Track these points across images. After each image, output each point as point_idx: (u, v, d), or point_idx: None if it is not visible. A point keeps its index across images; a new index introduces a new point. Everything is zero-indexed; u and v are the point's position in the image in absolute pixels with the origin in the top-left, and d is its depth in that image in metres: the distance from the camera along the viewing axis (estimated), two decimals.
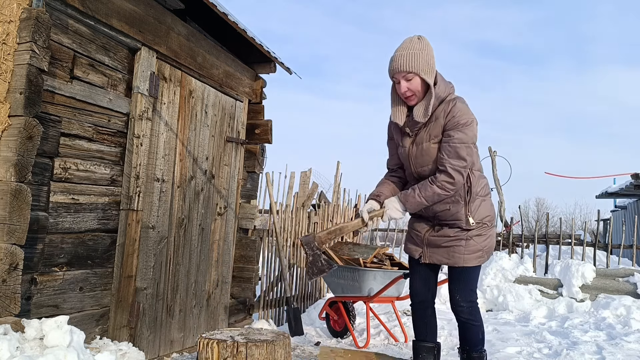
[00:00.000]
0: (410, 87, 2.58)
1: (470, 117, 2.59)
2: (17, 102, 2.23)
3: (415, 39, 2.60)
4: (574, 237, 7.19)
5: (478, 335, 2.78)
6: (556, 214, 26.10)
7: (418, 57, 2.53)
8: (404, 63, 2.53)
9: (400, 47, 2.58)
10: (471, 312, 2.76)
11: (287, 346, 2.34)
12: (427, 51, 2.57)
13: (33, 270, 2.47)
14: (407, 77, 2.56)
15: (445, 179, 2.55)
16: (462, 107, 2.58)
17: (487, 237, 2.76)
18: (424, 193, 2.58)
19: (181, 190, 3.54)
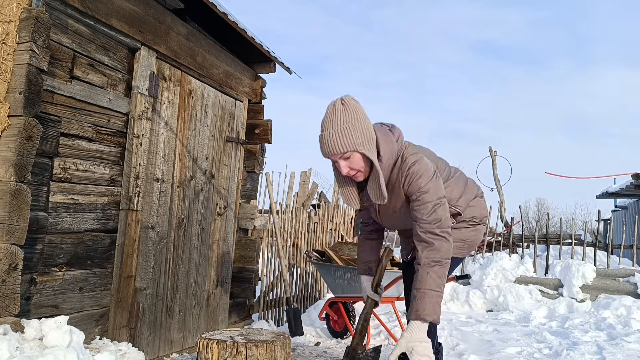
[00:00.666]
0: (351, 166, 2.20)
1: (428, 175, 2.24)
2: (17, 102, 2.22)
3: (339, 107, 2.18)
4: (574, 237, 7.19)
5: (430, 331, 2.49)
6: (556, 214, 26.09)
7: (350, 132, 2.13)
8: (335, 144, 2.14)
9: (326, 123, 2.18)
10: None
11: (287, 346, 2.34)
12: (357, 119, 2.16)
13: (33, 270, 2.46)
14: (345, 156, 2.18)
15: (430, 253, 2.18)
16: (415, 170, 2.23)
17: (474, 230, 2.56)
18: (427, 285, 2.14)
19: (181, 190, 3.54)
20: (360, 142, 2.15)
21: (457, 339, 4.46)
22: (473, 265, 6.94)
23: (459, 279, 4.50)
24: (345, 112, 2.17)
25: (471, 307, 6.40)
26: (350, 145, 2.14)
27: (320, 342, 4.34)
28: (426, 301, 2.13)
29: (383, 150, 2.22)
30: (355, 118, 2.16)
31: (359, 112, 2.20)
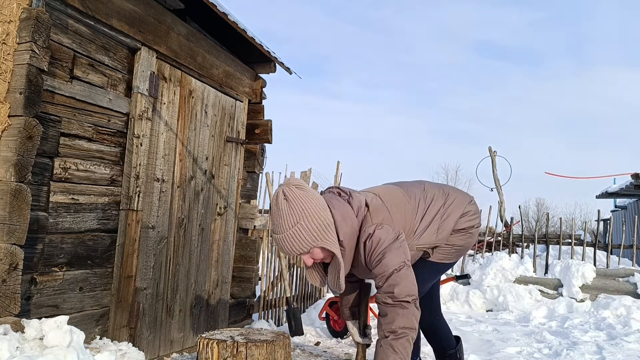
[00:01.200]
0: (314, 257, 2.14)
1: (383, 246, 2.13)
2: (17, 102, 2.23)
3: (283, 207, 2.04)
4: (574, 237, 7.19)
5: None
6: (556, 214, 26.09)
7: (302, 233, 2.03)
8: (292, 248, 2.05)
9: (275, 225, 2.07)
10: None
11: (287, 346, 2.34)
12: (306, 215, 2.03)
13: (33, 270, 2.47)
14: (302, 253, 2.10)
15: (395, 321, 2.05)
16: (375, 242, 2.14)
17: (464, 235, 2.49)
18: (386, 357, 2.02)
19: (181, 190, 3.54)
20: (315, 238, 2.05)
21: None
22: (473, 265, 6.95)
23: (458, 279, 4.51)
24: (291, 212, 2.03)
25: (471, 307, 6.41)
26: (306, 245, 2.05)
27: (320, 342, 4.34)
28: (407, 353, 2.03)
29: (342, 234, 2.12)
30: (303, 215, 2.03)
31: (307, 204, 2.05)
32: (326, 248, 2.08)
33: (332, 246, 2.08)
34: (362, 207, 2.23)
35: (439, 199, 2.49)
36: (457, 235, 2.49)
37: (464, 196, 2.59)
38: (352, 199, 2.24)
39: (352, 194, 2.28)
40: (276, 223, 2.07)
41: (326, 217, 2.09)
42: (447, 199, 2.51)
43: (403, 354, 2.01)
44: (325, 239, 2.07)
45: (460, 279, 4.54)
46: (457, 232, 2.49)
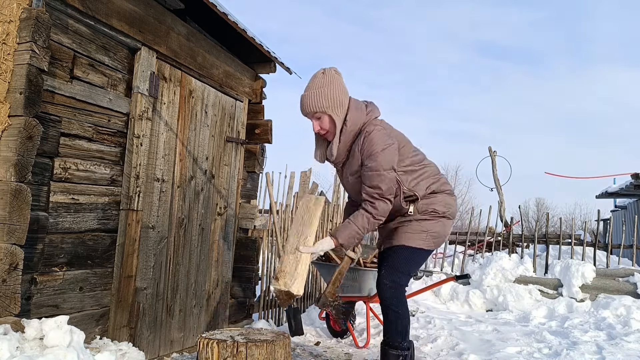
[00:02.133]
0: (322, 125, 2.60)
1: (383, 144, 2.53)
2: (17, 102, 2.23)
3: (319, 75, 2.58)
4: (574, 237, 7.19)
5: (396, 324, 2.63)
6: (556, 214, 26.10)
7: (322, 96, 2.53)
8: (309, 104, 2.55)
9: (307, 87, 2.59)
10: (395, 294, 2.63)
11: (287, 346, 2.34)
12: (332, 87, 2.54)
13: (33, 270, 2.47)
14: (316, 116, 2.58)
15: (370, 207, 2.55)
16: (374, 137, 2.54)
17: (437, 222, 2.71)
18: (356, 221, 2.57)
19: (181, 190, 3.54)
20: (329, 106, 2.53)
21: (456, 338, 4.46)
22: (473, 265, 6.95)
23: (458, 279, 4.50)
24: (322, 80, 2.55)
25: (471, 306, 6.41)
26: (320, 107, 2.53)
27: (320, 342, 4.34)
28: (347, 231, 2.56)
29: (350, 117, 2.57)
30: (329, 86, 2.54)
31: (335, 81, 2.56)
32: (333, 118, 2.54)
33: (337, 119, 2.55)
34: (373, 115, 2.66)
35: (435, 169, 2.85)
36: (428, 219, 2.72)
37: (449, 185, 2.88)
38: (369, 106, 2.69)
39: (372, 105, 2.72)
40: (308, 85, 2.58)
41: (344, 99, 2.57)
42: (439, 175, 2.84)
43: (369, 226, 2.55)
44: (335, 111, 2.54)
45: (460, 279, 4.54)
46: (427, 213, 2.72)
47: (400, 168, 2.65)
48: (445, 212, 2.73)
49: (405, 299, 2.71)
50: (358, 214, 2.58)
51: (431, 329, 4.89)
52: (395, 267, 2.67)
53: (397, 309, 2.63)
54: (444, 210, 2.74)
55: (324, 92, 2.53)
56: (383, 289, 2.65)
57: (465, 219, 25.90)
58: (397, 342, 2.63)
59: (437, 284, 4.60)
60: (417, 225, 2.69)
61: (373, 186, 2.53)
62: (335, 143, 2.58)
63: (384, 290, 2.64)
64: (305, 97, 2.57)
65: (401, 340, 2.63)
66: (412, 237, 2.69)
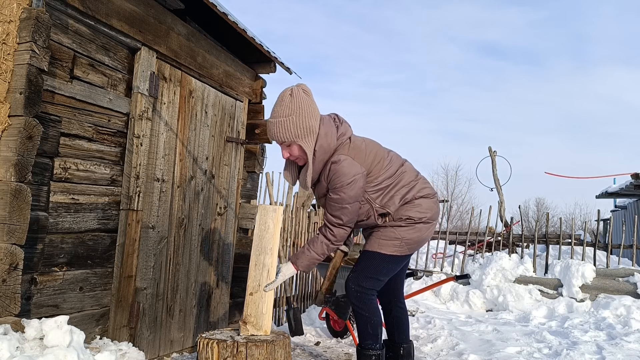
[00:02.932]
0: (291, 152, 2.52)
1: (349, 178, 2.47)
2: (17, 102, 2.23)
3: (287, 98, 2.44)
4: (574, 237, 7.20)
5: (366, 327, 2.66)
6: (556, 214, 26.10)
7: (290, 125, 2.40)
8: (277, 133, 2.45)
9: (273, 112, 2.47)
10: (359, 298, 2.67)
11: (287, 346, 2.34)
12: (301, 113, 2.41)
13: (33, 270, 2.47)
14: (284, 145, 2.50)
15: (328, 231, 2.60)
16: (340, 170, 2.47)
17: (411, 229, 2.65)
18: (313, 247, 2.62)
19: (181, 190, 3.54)
20: (297, 135, 2.42)
21: (456, 338, 4.46)
22: (473, 265, 6.95)
23: (458, 279, 4.51)
24: (290, 105, 2.41)
25: (471, 306, 6.41)
26: (289, 137, 2.43)
27: (320, 342, 4.34)
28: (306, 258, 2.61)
29: (319, 146, 2.49)
30: (299, 112, 2.41)
31: (304, 106, 2.42)
32: (302, 148, 2.44)
33: (307, 148, 2.45)
34: (345, 136, 2.57)
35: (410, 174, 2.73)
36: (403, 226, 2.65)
37: (428, 188, 2.77)
38: (341, 126, 2.60)
39: (344, 123, 2.64)
40: (275, 110, 2.45)
41: (313, 125, 2.46)
42: (416, 180, 2.73)
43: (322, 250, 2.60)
44: (305, 140, 2.44)
45: (460, 279, 4.54)
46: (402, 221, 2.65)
47: (371, 189, 2.62)
48: (422, 217, 2.66)
49: (374, 301, 2.72)
50: (316, 240, 2.63)
51: (431, 329, 4.89)
52: (363, 272, 2.70)
53: (365, 312, 2.66)
54: (420, 216, 2.66)
55: (293, 121, 2.40)
56: (349, 292, 2.70)
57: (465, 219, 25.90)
58: (369, 344, 2.67)
59: (437, 284, 4.61)
60: (391, 232, 2.65)
61: (335, 216, 2.56)
62: (309, 173, 2.52)
63: (350, 295, 2.69)
64: (272, 124, 2.45)
65: (372, 342, 2.66)
66: (385, 243, 2.65)
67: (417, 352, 4.07)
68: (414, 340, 4.44)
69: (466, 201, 27.82)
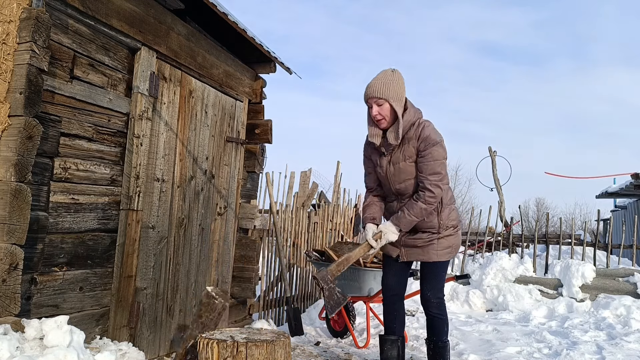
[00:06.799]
0: (380, 111, 2.90)
1: (439, 137, 2.91)
2: (17, 102, 2.23)
3: (389, 71, 2.93)
4: (574, 237, 7.19)
5: (443, 327, 3.10)
6: (556, 214, 26.09)
7: (389, 86, 2.87)
8: (376, 90, 2.87)
9: (376, 77, 2.93)
10: (439, 307, 3.07)
11: (287, 346, 2.34)
12: (398, 83, 2.89)
13: (33, 270, 2.47)
14: (379, 102, 2.88)
15: (427, 194, 2.88)
16: (431, 130, 2.91)
17: (455, 236, 3.10)
18: (412, 212, 2.90)
19: (181, 190, 3.54)
20: (393, 97, 2.86)
21: (457, 338, 4.47)
22: (473, 265, 6.95)
23: (458, 279, 4.51)
24: (392, 75, 2.91)
25: (471, 306, 6.41)
26: (386, 94, 2.85)
27: (320, 342, 4.34)
28: (406, 221, 2.92)
29: (408, 110, 2.94)
30: (395, 81, 2.89)
31: (401, 81, 2.92)
32: (394, 107, 2.87)
33: (398, 108, 2.87)
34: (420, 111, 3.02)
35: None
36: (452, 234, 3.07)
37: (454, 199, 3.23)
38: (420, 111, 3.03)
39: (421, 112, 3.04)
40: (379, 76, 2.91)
41: (403, 95, 2.93)
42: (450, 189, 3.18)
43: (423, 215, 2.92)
44: (397, 103, 2.88)
45: (460, 278, 4.54)
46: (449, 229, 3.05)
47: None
48: (457, 224, 3.10)
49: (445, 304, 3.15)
50: (414, 205, 2.90)
51: None
52: (437, 284, 3.09)
53: (444, 317, 3.10)
54: (456, 223, 3.09)
55: (392, 84, 2.88)
56: (430, 305, 3.07)
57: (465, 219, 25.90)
58: (444, 339, 3.11)
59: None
60: (444, 242, 3.03)
61: (435, 172, 2.86)
62: (400, 127, 2.88)
63: (432, 307, 3.07)
64: (373, 83, 2.90)
65: (446, 337, 3.13)
66: (442, 253, 3.03)
67: (417, 352, 4.07)
68: (414, 340, 4.44)
69: (466, 201, 27.81)
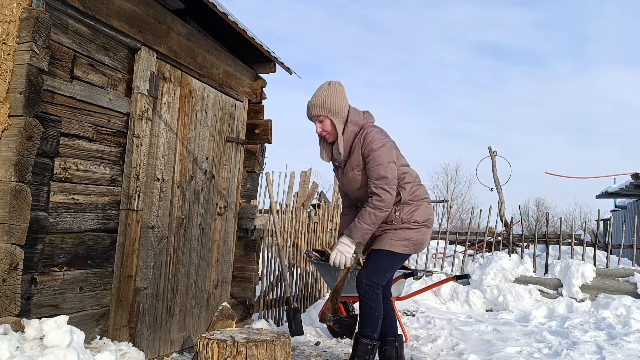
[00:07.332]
0: (324, 128, 2.97)
1: (382, 141, 2.88)
2: (17, 102, 2.23)
3: (325, 85, 2.98)
4: (574, 237, 7.20)
5: (369, 316, 2.94)
6: (556, 214, 26.08)
7: (326, 102, 2.91)
8: (315, 108, 2.94)
9: (314, 94, 2.99)
10: (369, 291, 2.93)
11: (287, 346, 2.34)
12: (335, 95, 2.94)
13: (33, 270, 2.47)
14: (319, 119, 2.95)
15: (375, 199, 2.84)
16: (373, 135, 2.90)
17: (417, 231, 2.99)
18: (363, 219, 2.86)
19: (181, 190, 3.54)
20: (331, 111, 2.91)
21: (456, 338, 4.47)
22: (473, 265, 6.95)
23: (458, 279, 4.51)
24: (328, 89, 2.96)
25: (471, 306, 6.41)
26: (323, 111, 2.91)
27: (320, 342, 4.34)
28: (358, 230, 2.87)
29: (350, 119, 2.96)
30: (333, 94, 2.93)
31: (337, 91, 2.96)
32: (334, 122, 2.92)
33: (338, 123, 2.93)
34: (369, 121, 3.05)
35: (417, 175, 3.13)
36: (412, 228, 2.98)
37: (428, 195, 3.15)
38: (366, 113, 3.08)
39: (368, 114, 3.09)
40: (316, 93, 2.98)
41: (344, 106, 2.97)
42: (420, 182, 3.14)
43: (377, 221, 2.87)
44: (336, 116, 2.92)
45: (460, 278, 4.54)
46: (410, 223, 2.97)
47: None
48: (424, 221, 3.01)
49: (380, 296, 2.99)
50: (364, 212, 2.86)
51: (431, 329, 4.89)
52: (375, 268, 2.98)
53: (372, 304, 2.94)
54: (424, 220, 3.01)
55: (328, 99, 2.92)
56: (361, 286, 2.95)
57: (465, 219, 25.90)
58: (369, 332, 2.94)
59: (437, 284, 4.61)
60: (401, 233, 2.96)
61: (379, 177, 2.83)
62: (340, 142, 2.94)
63: (362, 288, 2.95)
64: (311, 101, 2.97)
65: (371, 331, 2.94)
66: (396, 243, 2.96)
67: (417, 352, 4.07)
68: (414, 340, 4.44)
69: (466, 201, 27.83)
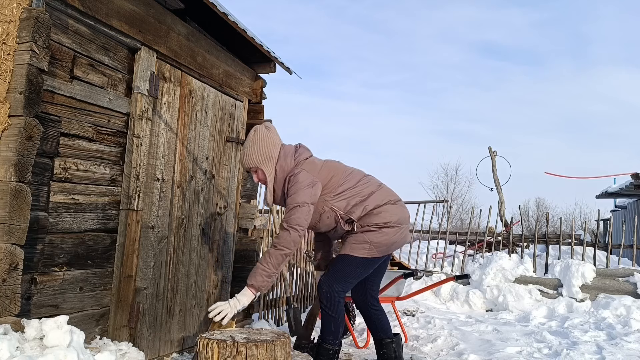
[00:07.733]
0: (259, 177, 2.97)
1: (302, 184, 2.81)
2: (17, 102, 2.23)
3: (251, 134, 2.96)
4: (574, 237, 7.20)
5: (330, 326, 2.95)
6: (556, 214, 26.04)
7: (252, 153, 2.90)
8: (245, 161, 2.95)
9: (244, 144, 2.98)
10: (329, 299, 2.91)
11: (287, 346, 2.34)
12: (262, 143, 2.90)
13: (33, 270, 2.47)
14: (252, 170, 2.97)
15: (275, 240, 2.79)
16: (294, 179, 2.84)
17: (379, 233, 2.89)
18: (260, 260, 2.77)
19: (181, 190, 3.54)
20: (259, 161, 2.90)
21: (457, 338, 4.47)
22: (473, 265, 6.95)
23: (458, 279, 4.51)
24: (253, 138, 2.93)
25: (471, 306, 6.41)
26: (252, 163, 2.92)
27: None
28: (257, 274, 2.74)
29: (279, 166, 2.92)
30: (259, 143, 2.90)
31: (264, 137, 2.92)
32: (264, 171, 2.90)
33: (267, 170, 2.90)
34: (301, 157, 2.95)
35: (371, 186, 2.99)
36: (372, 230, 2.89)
37: (391, 195, 3.02)
38: (300, 148, 3.01)
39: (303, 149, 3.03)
40: (245, 144, 2.97)
41: (272, 152, 2.92)
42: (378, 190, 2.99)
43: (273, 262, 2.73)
44: (265, 164, 2.90)
45: (460, 278, 4.55)
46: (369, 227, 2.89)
47: (332, 198, 2.91)
48: (386, 222, 2.90)
49: (341, 303, 2.96)
50: (264, 253, 2.79)
51: (431, 329, 4.89)
52: (336, 275, 2.94)
53: (332, 312, 2.93)
54: (385, 221, 2.90)
55: (253, 150, 2.90)
56: (321, 293, 2.94)
57: (465, 219, 25.90)
58: (329, 339, 2.95)
59: (437, 284, 4.61)
60: (360, 236, 2.90)
61: (287, 217, 2.79)
62: (270, 190, 2.95)
63: (321, 295, 2.94)
64: (242, 153, 2.98)
65: (332, 338, 2.95)
66: (356, 247, 2.90)
67: (417, 352, 4.07)
68: (414, 340, 4.44)
69: (466, 201, 27.80)
